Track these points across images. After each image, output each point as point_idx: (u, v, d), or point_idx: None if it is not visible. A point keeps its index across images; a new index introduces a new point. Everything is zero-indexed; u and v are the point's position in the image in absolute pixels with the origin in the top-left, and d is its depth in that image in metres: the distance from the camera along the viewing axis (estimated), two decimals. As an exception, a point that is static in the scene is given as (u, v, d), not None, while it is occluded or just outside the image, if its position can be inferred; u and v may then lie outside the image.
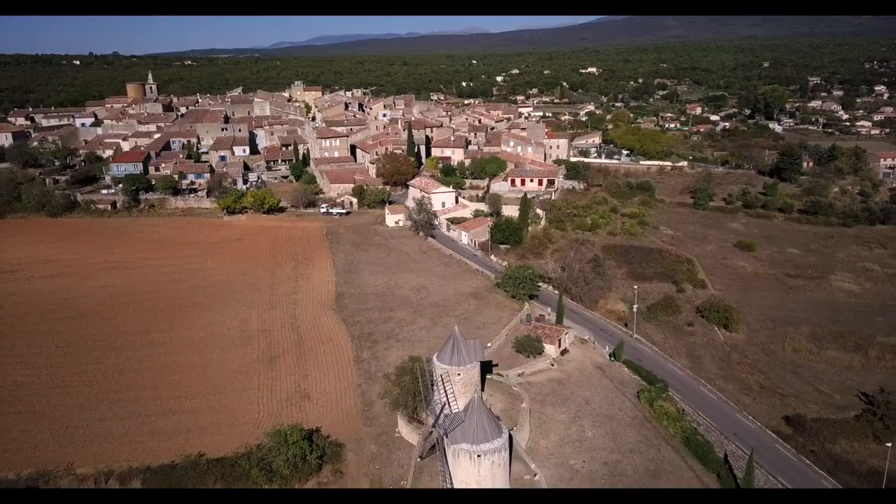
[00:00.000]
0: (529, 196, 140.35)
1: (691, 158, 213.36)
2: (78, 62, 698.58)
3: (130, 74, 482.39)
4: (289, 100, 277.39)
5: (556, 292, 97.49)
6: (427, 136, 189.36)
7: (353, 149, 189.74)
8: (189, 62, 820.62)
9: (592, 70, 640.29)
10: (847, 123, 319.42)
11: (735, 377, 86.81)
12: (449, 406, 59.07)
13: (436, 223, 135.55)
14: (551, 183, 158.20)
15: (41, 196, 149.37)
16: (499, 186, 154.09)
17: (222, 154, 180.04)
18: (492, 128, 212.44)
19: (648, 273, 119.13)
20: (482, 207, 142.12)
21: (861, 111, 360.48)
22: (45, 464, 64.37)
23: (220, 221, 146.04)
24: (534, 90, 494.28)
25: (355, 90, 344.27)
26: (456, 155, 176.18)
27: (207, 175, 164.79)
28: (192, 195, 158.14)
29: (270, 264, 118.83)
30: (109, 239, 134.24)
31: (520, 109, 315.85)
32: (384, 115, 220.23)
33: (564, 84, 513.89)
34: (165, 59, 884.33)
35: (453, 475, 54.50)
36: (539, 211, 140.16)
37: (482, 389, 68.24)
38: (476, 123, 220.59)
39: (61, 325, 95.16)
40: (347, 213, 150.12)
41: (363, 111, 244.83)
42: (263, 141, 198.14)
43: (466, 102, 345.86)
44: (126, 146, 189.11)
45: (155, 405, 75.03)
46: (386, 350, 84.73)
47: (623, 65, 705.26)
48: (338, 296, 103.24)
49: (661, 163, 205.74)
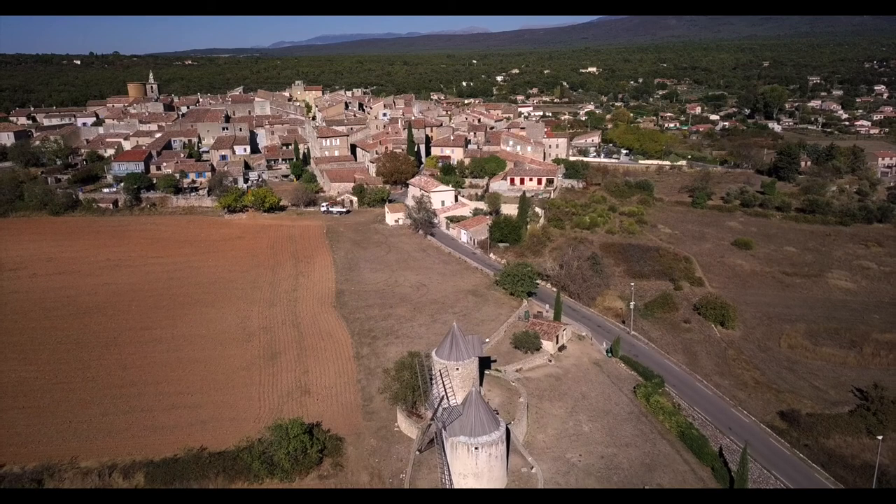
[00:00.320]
0: (528, 195, 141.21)
1: (690, 158, 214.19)
2: (78, 62, 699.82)
3: (131, 74, 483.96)
4: (289, 99, 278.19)
5: (554, 290, 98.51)
6: (427, 136, 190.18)
7: (354, 148, 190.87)
8: (189, 62, 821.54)
9: (592, 70, 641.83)
10: (846, 123, 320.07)
11: (731, 373, 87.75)
12: (447, 399, 60.02)
13: (435, 221, 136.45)
14: (550, 182, 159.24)
15: (43, 195, 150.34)
16: (498, 185, 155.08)
17: (223, 153, 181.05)
18: (491, 127, 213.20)
19: (646, 271, 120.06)
20: (481, 206, 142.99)
21: (860, 111, 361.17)
22: (50, 457, 65.28)
23: (221, 220, 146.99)
24: (534, 90, 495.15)
25: (355, 90, 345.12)
26: (455, 154, 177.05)
27: (208, 174, 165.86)
28: (193, 194, 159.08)
29: (271, 262, 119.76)
30: (111, 237, 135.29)
31: (520, 109, 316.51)
32: (384, 115, 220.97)
33: (564, 84, 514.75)
34: (166, 59, 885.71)
35: (451, 467, 55.42)
36: (538, 209, 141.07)
37: (480, 384, 69.17)
38: (476, 123, 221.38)
39: (64, 322, 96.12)
40: (347, 212, 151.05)
41: (363, 111, 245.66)
42: (264, 140, 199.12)
43: (466, 102, 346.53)
44: (127, 145, 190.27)
45: (157, 400, 75.97)
46: (385, 346, 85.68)
47: (623, 64, 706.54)
48: (338, 293, 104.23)
49: (660, 162, 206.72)
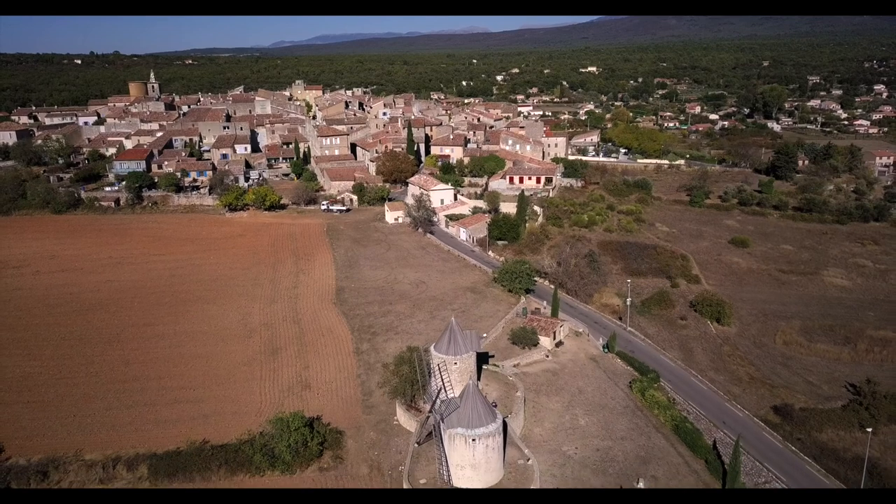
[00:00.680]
0: (527, 193, 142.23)
1: (688, 157, 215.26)
2: (79, 61, 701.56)
3: (131, 73, 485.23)
4: (290, 99, 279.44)
5: (552, 287, 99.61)
6: (426, 135, 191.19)
7: (354, 147, 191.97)
8: (190, 61, 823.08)
9: (592, 69, 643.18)
10: (845, 122, 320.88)
11: (726, 369, 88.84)
12: (445, 392, 61.15)
13: (435, 220, 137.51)
14: (549, 181, 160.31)
15: (46, 193, 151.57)
16: (497, 184, 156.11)
17: (224, 152, 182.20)
18: (491, 126, 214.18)
19: (643, 269, 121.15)
20: (480, 204, 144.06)
21: (860, 110, 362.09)
22: (55, 450, 66.45)
23: (222, 218, 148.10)
24: (534, 89, 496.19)
25: (356, 89, 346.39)
26: (455, 153, 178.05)
27: (209, 172, 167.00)
28: (195, 192, 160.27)
29: (272, 260, 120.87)
30: (113, 235, 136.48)
31: (520, 109, 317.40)
32: (384, 114, 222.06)
33: (564, 83, 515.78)
34: (166, 59, 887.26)
35: (449, 459, 56.54)
36: (536, 208, 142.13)
37: (478, 379, 70.23)
38: (475, 122, 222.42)
39: (67, 319, 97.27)
40: (348, 210, 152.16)
41: (363, 110, 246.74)
42: (264, 139, 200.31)
43: (466, 102, 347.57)
44: (129, 144, 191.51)
45: (160, 395, 77.14)
46: (385, 342, 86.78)
47: (623, 64, 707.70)
48: (338, 290, 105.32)
49: (659, 161, 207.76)
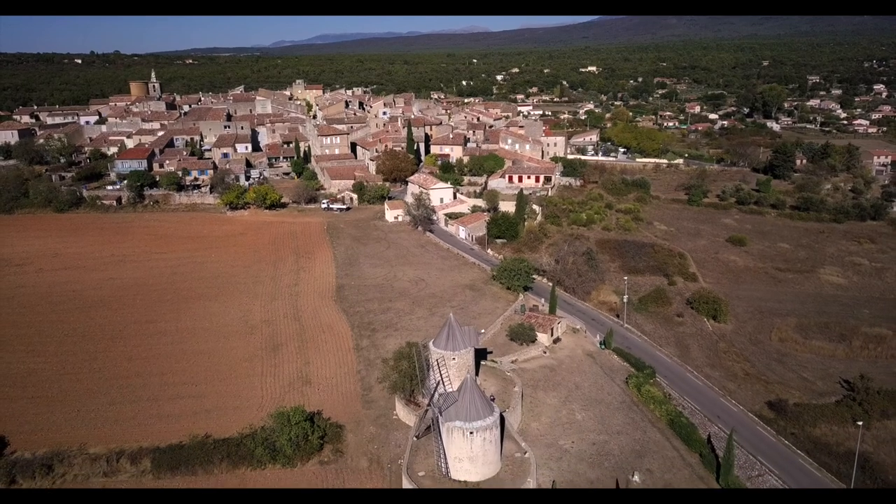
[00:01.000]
0: (526, 192, 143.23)
1: (687, 156, 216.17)
2: (79, 61, 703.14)
3: (132, 73, 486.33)
4: (290, 98, 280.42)
5: (550, 284, 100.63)
6: (426, 134, 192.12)
7: (354, 146, 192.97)
8: (190, 61, 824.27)
9: (592, 69, 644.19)
10: (845, 122, 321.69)
11: (721, 365, 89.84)
12: (444, 387, 62.20)
13: (434, 218, 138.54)
14: (548, 180, 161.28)
15: (48, 192, 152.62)
16: (496, 183, 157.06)
17: (225, 151, 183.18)
18: (490, 126, 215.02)
19: (641, 267, 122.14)
20: (480, 203, 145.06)
21: (859, 110, 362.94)
22: (59, 444, 67.51)
23: (223, 217, 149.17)
24: (534, 89, 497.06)
25: (356, 89, 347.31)
26: (455, 152, 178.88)
27: (210, 171, 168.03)
28: (196, 191, 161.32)
29: (273, 258, 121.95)
30: (115, 233, 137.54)
31: (519, 108, 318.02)
32: (384, 113, 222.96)
33: (564, 83, 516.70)
34: (167, 58, 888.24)
35: (447, 452, 57.55)
36: (535, 207, 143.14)
37: (476, 375, 71.24)
38: (475, 121, 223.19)
39: (70, 316, 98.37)
40: (348, 209, 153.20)
41: (363, 109, 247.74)
42: (265, 138, 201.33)
43: (466, 101, 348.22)
44: (130, 143, 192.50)
45: (163, 390, 78.21)
46: (385, 339, 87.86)
47: (623, 63, 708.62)
48: (338, 287, 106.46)
49: (657, 160, 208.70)
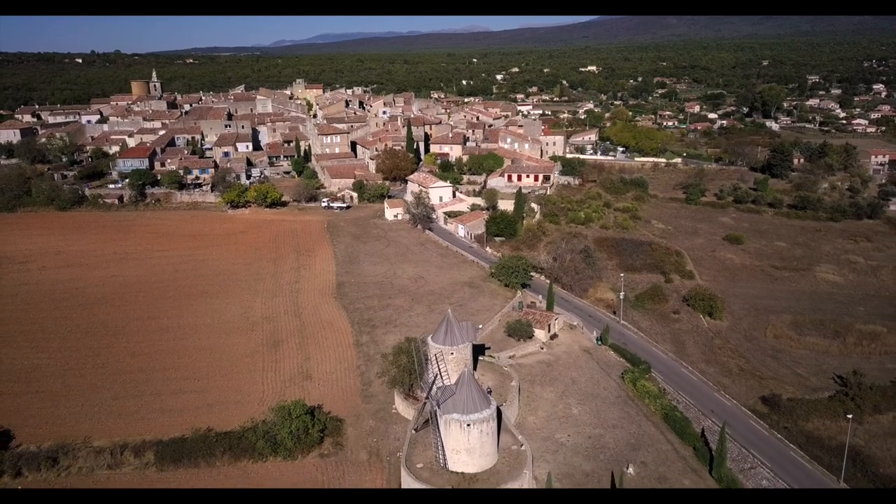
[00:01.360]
0: (525, 191, 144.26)
1: (685, 155, 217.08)
2: (80, 60, 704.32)
3: (132, 73, 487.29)
4: (290, 97, 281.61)
5: (548, 281, 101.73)
6: (426, 133, 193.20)
7: (354, 145, 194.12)
8: (191, 60, 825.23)
9: (592, 68, 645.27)
10: (844, 121, 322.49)
11: (716, 361, 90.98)
12: (441, 379, 63.36)
13: (433, 216, 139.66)
14: (547, 179, 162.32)
15: (50, 190, 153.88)
16: (495, 182, 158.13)
17: (226, 150, 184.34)
18: (490, 125, 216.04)
19: (638, 264, 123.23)
20: (479, 202, 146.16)
21: (858, 109, 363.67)
22: (64, 437, 68.73)
23: (225, 215, 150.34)
24: (533, 88, 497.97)
25: (356, 88, 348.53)
26: (454, 151, 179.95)
27: (211, 170, 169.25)
28: (197, 190, 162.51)
29: (273, 255, 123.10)
30: (117, 231, 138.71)
31: (519, 108, 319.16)
32: (384, 113, 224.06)
33: (564, 82, 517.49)
34: (167, 58, 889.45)
35: (445, 444, 58.70)
36: (534, 205, 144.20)
37: (474, 370, 72.38)
38: (474, 121, 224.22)
39: (73, 313, 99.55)
40: (348, 207, 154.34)
41: (363, 109, 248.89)
42: (266, 137, 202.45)
43: (466, 101, 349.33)
44: (132, 142, 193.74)
45: (165, 385, 79.40)
46: (384, 335, 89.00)
47: (623, 63, 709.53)
48: (338, 285, 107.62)
49: (656, 159, 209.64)
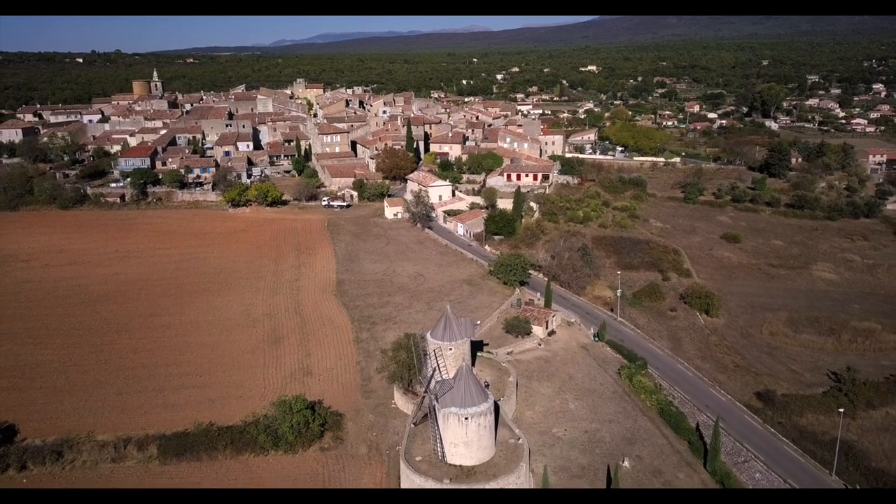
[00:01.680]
0: (524, 190, 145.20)
1: (684, 154, 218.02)
2: (81, 60, 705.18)
3: (133, 72, 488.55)
4: (291, 97, 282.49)
5: (546, 279, 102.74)
6: (426, 133, 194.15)
7: (354, 144, 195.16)
8: (191, 60, 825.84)
9: (592, 68, 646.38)
10: (843, 121, 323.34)
11: (712, 357, 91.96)
12: (440, 373, 64.41)
13: (433, 215, 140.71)
14: (546, 178, 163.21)
15: (52, 189, 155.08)
16: (495, 181, 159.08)
17: (227, 149, 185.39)
18: (489, 124, 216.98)
19: (636, 262, 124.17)
20: (478, 200, 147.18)
21: (857, 109, 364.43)
22: (68, 431, 69.81)
23: (226, 214, 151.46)
24: (533, 88, 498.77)
25: (356, 88, 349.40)
26: (453, 150, 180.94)
27: (212, 169, 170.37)
28: (198, 189, 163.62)
29: (274, 254, 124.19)
30: (119, 230, 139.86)
31: (519, 107, 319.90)
32: (384, 112, 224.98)
33: (564, 82, 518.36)
34: (167, 57, 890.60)
35: (443, 437, 59.73)
36: (533, 204, 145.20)
37: (472, 366, 73.38)
38: (474, 120, 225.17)
39: (76, 310, 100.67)
40: (348, 206, 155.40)
41: (364, 108, 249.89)
42: (266, 137, 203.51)
43: (466, 100, 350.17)
44: (133, 142, 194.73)
45: (168, 381, 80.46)
46: (384, 331, 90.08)
47: (623, 63, 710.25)
48: (339, 282, 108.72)
49: (655, 159, 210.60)
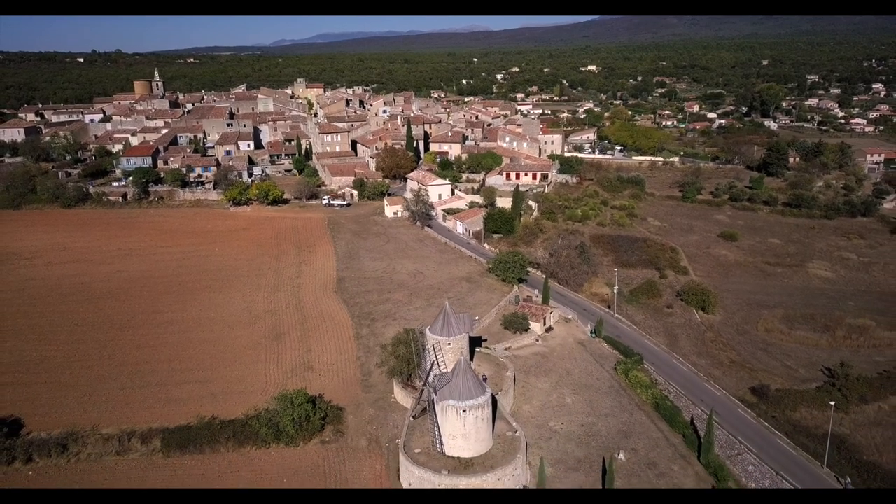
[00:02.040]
0: (523, 189, 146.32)
1: (682, 154, 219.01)
2: (81, 59, 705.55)
3: (134, 72, 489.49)
4: (291, 97, 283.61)
5: (544, 276, 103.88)
6: (426, 132, 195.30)
7: (354, 143, 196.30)
8: (191, 60, 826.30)
9: (592, 68, 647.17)
10: (842, 121, 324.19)
11: (708, 353, 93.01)
12: (438, 367, 65.58)
13: (432, 214, 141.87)
14: (545, 177, 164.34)
15: (55, 188, 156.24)
16: (494, 180, 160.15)
17: (228, 148, 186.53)
18: (489, 124, 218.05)
19: (634, 260, 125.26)
20: (477, 199, 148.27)
21: (857, 109, 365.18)
22: (73, 425, 71.01)
23: (227, 212, 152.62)
24: (533, 88, 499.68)
25: (356, 87, 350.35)
26: (453, 150, 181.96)
27: (214, 168, 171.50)
28: (200, 187, 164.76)
29: (275, 252, 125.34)
30: (121, 228, 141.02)
31: (519, 107, 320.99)
32: (384, 112, 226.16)
33: (564, 82, 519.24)
34: (168, 57, 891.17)
35: (442, 429, 60.93)
36: (532, 203, 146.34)
37: (471, 361, 74.54)
38: (473, 120, 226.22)
39: (80, 307, 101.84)
40: (348, 205, 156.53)
41: (364, 108, 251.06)
42: (267, 136, 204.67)
43: (466, 100, 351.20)
44: (135, 141, 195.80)
45: (170, 376, 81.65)
46: (384, 328, 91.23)
47: (623, 63, 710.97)
48: (339, 280, 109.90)
49: (653, 158, 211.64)
